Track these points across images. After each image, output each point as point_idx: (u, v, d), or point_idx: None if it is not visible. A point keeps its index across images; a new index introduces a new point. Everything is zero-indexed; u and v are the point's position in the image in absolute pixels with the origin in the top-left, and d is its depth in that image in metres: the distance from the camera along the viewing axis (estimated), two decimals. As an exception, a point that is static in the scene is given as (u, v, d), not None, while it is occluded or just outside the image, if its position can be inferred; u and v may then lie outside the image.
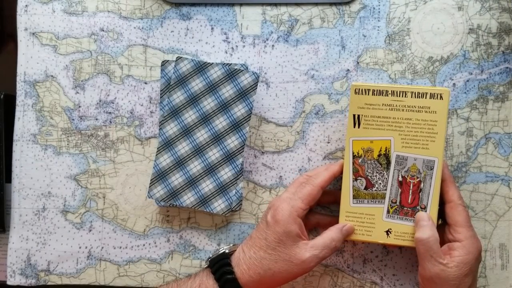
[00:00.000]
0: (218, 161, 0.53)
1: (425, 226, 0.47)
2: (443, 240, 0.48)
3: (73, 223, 0.56)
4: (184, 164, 0.53)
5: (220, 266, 0.49)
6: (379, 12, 0.56)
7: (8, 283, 0.56)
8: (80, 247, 0.56)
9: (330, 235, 0.49)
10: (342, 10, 0.56)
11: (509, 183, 0.55)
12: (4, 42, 0.60)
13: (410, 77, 0.55)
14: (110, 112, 0.56)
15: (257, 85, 0.53)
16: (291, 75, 0.56)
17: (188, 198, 0.53)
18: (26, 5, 0.57)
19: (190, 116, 0.53)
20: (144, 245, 0.56)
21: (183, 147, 0.53)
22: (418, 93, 0.49)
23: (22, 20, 0.57)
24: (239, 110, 0.53)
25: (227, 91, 0.53)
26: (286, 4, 0.56)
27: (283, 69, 0.56)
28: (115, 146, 0.56)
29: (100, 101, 0.56)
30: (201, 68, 0.53)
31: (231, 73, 0.53)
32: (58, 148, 0.56)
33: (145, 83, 0.56)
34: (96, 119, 0.56)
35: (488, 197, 0.55)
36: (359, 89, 0.50)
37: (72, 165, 0.56)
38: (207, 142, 0.53)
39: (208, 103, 0.53)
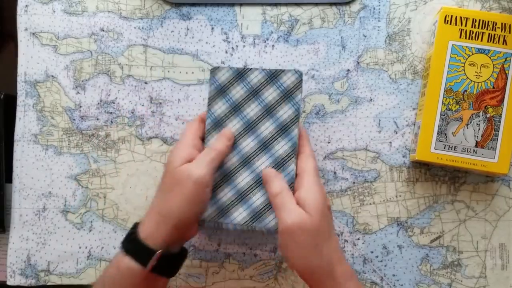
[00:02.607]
0: None
1: (273, 179, 0.47)
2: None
3: (73, 223, 0.56)
4: (232, 177, 0.50)
5: (127, 235, 0.47)
6: (379, 12, 0.56)
7: (8, 283, 0.56)
8: (80, 247, 0.56)
9: (212, 142, 0.49)
10: (342, 10, 0.56)
11: (509, 183, 0.55)
12: (4, 42, 0.60)
13: (411, 77, 0.55)
14: (111, 112, 0.56)
15: (301, 83, 0.50)
16: (292, 75, 0.56)
17: (240, 214, 0.49)
18: (26, 5, 0.57)
19: (234, 125, 0.50)
20: (144, 245, 0.56)
21: (229, 159, 0.50)
22: None
23: (22, 20, 0.57)
24: (285, 113, 0.50)
25: (270, 94, 0.50)
26: (286, 4, 0.56)
27: (284, 69, 0.56)
28: (116, 146, 0.56)
29: (101, 101, 0.56)
30: (240, 74, 0.51)
31: (272, 75, 0.50)
32: (59, 148, 0.56)
33: (146, 83, 0.56)
34: (97, 119, 0.56)
35: (489, 197, 0.55)
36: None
37: (73, 165, 0.56)
38: (254, 151, 0.50)
39: (252, 110, 0.50)
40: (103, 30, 0.57)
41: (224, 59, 0.56)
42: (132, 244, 0.45)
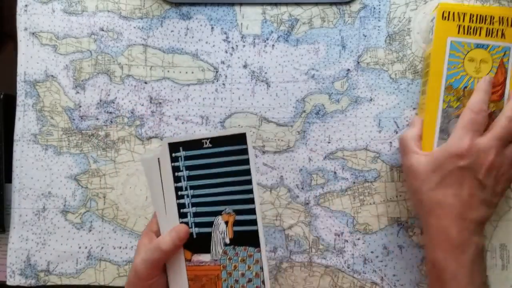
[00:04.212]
0: None
1: (408, 125, 0.52)
2: None
3: (73, 223, 0.56)
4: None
5: None
6: (379, 12, 0.56)
7: (8, 283, 0.56)
8: (80, 247, 0.56)
9: (159, 238, 0.46)
10: (342, 10, 0.56)
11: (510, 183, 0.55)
12: (3, 42, 0.60)
13: (411, 77, 0.55)
14: (110, 112, 0.56)
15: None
16: (292, 75, 0.56)
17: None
18: (26, 5, 0.57)
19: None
20: (144, 245, 0.56)
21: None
22: None
23: (22, 20, 0.57)
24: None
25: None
26: (286, 4, 0.56)
27: (284, 69, 0.56)
28: (116, 146, 0.56)
29: (100, 101, 0.56)
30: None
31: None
32: (58, 148, 0.56)
33: (145, 82, 0.56)
34: (97, 119, 0.56)
35: (489, 197, 0.55)
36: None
37: (72, 165, 0.56)
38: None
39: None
40: (103, 30, 0.57)
41: (224, 59, 0.56)
42: None
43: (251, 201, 0.45)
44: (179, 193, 0.46)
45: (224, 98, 0.56)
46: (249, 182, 0.45)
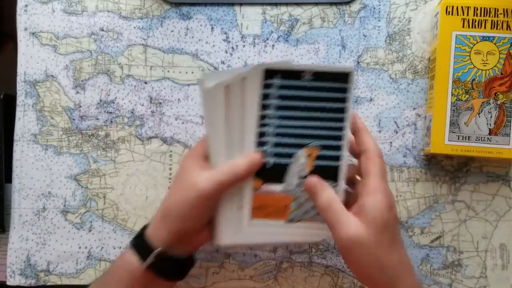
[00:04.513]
0: None
1: (319, 191, 0.43)
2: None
3: (73, 223, 0.56)
4: None
5: (138, 232, 0.47)
6: (379, 12, 0.56)
7: (8, 283, 0.56)
8: (80, 247, 0.56)
9: (233, 161, 0.44)
10: (342, 10, 0.56)
11: (510, 183, 0.55)
12: (3, 42, 0.60)
13: (411, 77, 0.55)
14: (110, 112, 0.56)
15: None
16: (292, 75, 0.56)
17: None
18: (26, 5, 0.56)
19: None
20: (144, 245, 0.56)
21: None
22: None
23: (22, 20, 0.57)
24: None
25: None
26: (286, 4, 0.56)
27: (284, 69, 0.56)
28: (116, 146, 0.56)
29: (100, 101, 0.56)
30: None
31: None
32: (58, 148, 0.56)
33: (145, 82, 0.56)
34: (97, 119, 0.56)
35: (489, 197, 0.55)
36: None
37: (72, 165, 0.56)
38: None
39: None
40: (103, 30, 0.57)
41: (224, 59, 0.56)
42: (137, 239, 0.46)
43: (340, 138, 0.45)
44: (262, 121, 0.44)
45: (224, 98, 0.56)
46: (342, 119, 0.45)
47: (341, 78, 0.44)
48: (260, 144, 0.45)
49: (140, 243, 0.45)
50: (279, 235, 0.46)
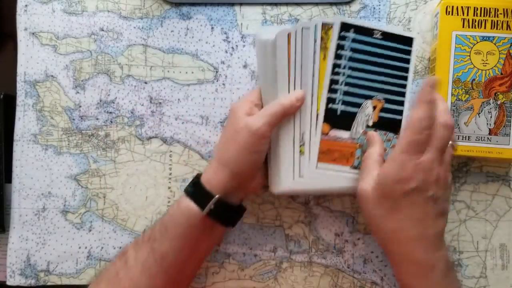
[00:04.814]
0: None
1: (372, 143, 0.47)
2: None
3: (73, 223, 0.56)
4: None
5: (191, 180, 0.49)
6: (379, 12, 0.56)
7: (8, 283, 0.56)
8: (80, 247, 0.56)
9: (279, 98, 0.47)
10: (342, 10, 0.56)
11: (510, 183, 0.55)
12: (3, 42, 0.60)
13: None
14: (110, 112, 0.56)
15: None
16: (292, 75, 0.56)
17: None
18: (26, 5, 0.57)
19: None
20: (144, 245, 0.56)
21: None
22: None
23: (22, 20, 0.57)
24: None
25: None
26: (286, 4, 0.56)
27: (284, 69, 0.56)
28: (115, 146, 0.56)
29: (100, 101, 0.56)
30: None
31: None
32: (58, 148, 0.56)
33: (145, 82, 0.56)
34: (97, 119, 0.56)
35: (489, 197, 0.55)
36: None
37: (72, 165, 0.56)
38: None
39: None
40: (103, 30, 0.57)
41: (224, 59, 0.56)
42: (193, 187, 0.48)
43: (402, 94, 0.49)
44: (336, 69, 0.47)
45: (224, 98, 0.56)
46: (405, 78, 0.49)
47: (406, 42, 0.49)
48: (332, 91, 0.47)
49: (197, 191, 0.47)
50: (343, 180, 0.48)
